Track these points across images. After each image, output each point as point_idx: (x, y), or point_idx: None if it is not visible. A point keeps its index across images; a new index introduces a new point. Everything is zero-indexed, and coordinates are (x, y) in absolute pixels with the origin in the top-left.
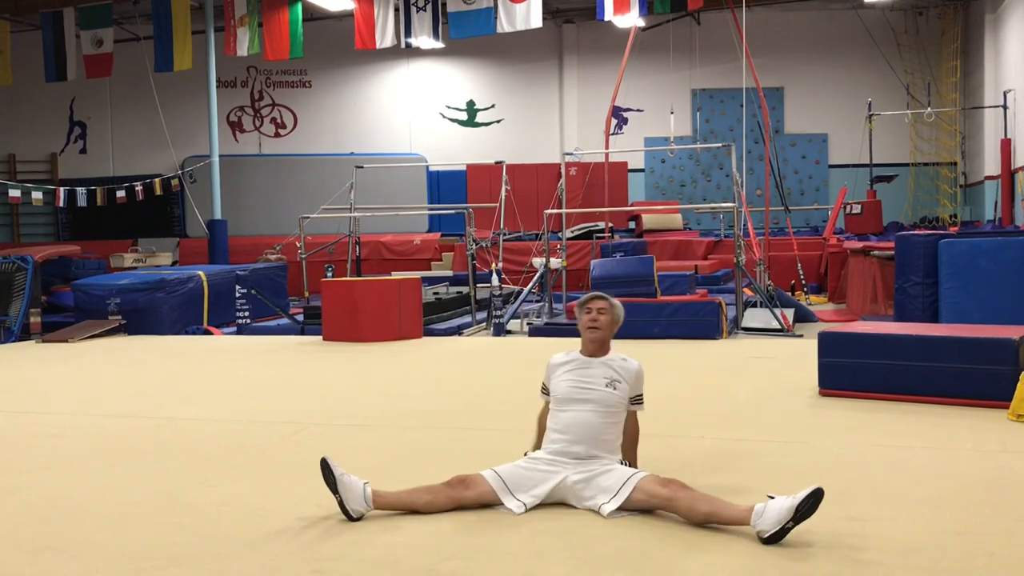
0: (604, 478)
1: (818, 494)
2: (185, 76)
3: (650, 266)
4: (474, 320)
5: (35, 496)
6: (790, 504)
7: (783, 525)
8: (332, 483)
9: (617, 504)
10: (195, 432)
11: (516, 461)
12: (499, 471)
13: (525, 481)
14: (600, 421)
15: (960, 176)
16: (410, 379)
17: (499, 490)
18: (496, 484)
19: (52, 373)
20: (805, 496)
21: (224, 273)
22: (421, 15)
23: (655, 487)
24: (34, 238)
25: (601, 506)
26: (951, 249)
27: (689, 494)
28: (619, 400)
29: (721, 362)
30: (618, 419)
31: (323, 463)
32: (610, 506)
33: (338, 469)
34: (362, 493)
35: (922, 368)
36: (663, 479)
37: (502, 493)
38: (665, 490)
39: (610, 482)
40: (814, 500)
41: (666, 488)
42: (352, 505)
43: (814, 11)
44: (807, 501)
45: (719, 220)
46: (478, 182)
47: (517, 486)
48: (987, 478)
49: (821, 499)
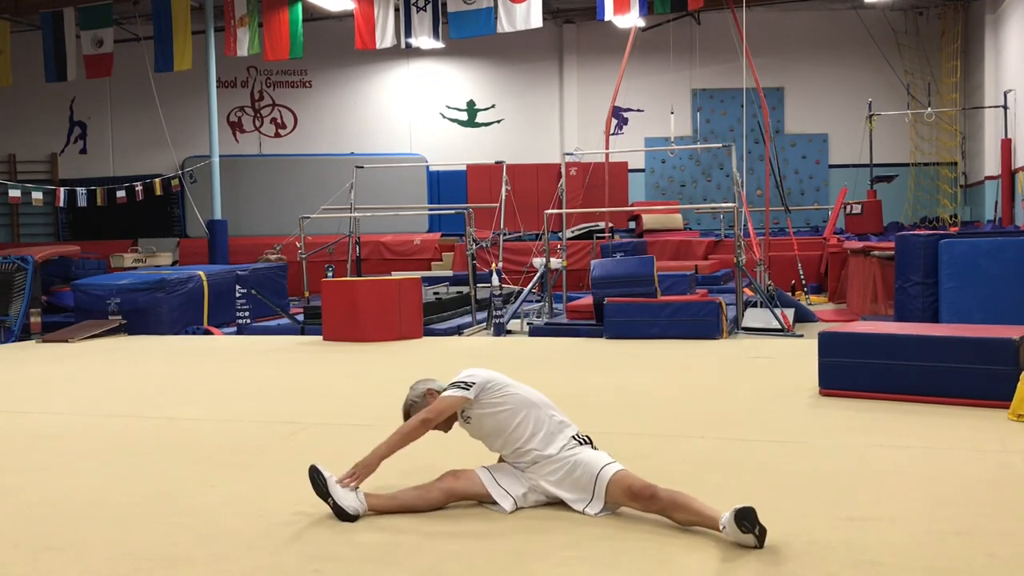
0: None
1: (746, 512)
2: (185, 76)
3: (650, 266)
4: (474, 320)
5: (35, 496)
6: (732, 525)
7: (740, 542)
8: (323, 488)
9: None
10: (195, 432)
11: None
12: (489, 467)
13: (509, 477)
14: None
15: (960, 176)
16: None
17: (489, 485)
18: (487, 479)
19: (52, 373)
20: (734, 517)
21: (224, 273)
22: (421, 15)
23: (625, 499)
24: (34, 238)
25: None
26: (951, 249)
27: (660, 506)
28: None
29: (721, 362)
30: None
31: (312, 471)
32: (592, 508)
33: (327, 473)
34: (355, 495)
35: (922, 368)
36: (632, 490)
37: (492, 488)
38: (636, 504)
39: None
40: (746, 516)
41: (636, 502)
42: (346, 502)
43: (814, 11)
44: (740, 520)
45: (719, 220)
46: (478, 182)
47: (508, 483)
48: (987, 478)
49: (753, 515)
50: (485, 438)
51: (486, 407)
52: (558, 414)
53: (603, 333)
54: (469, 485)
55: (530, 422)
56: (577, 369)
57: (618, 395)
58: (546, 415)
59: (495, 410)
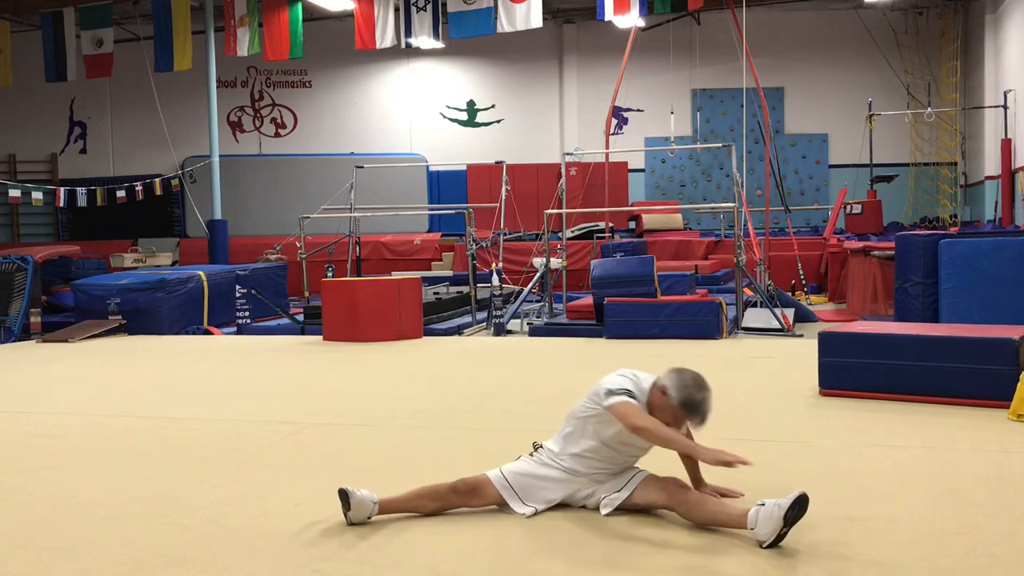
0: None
1: (803, 500)
2: (185, 76)
3: (650, 266)
4: (474, 320)
5: (35, 496)
6: (779, 514)
7: (778, 533)
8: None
9: (615, 504)
10: (195, 432)
11: (522, 457)
12: (508, 476)
13: (536, 490)
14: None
15: (960, 176)
16: (410, 379)
17: (508, 497)
18: (504, 490)
19: (52, 373)
20: (791, 503)
21: (224, 273)
22: (421, 15)
23: (653, 494)
24: (34, 238)
25: (601, 503)
26: (951, 249)
27: (685, 498)
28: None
29: (721, 362)
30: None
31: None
32: (608, 507)
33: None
34: (370, 510)
35: (922, 368)
36: (660, 481)
37: (511, 499)
38: (663, 496)
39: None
40: (800, 507)
41: (664, 492)
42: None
43: (814, 11)
44: (793, 508)
45: (719, 220)
46: (478, 182)
47: (528, 495)
48: (987, 478)
49: (807, 504)
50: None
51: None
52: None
53: (603, 333)
54: (486, 501)
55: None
56: (577, 369)
57: None
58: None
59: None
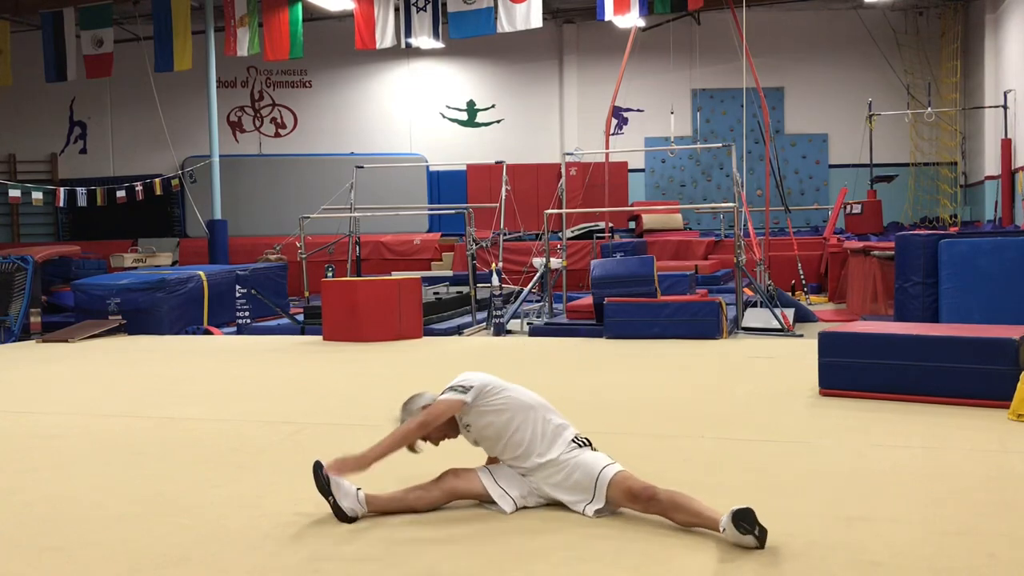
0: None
1: (744, 513)
2: (185, 76)
3: (650, 266)
4: (474, 320)
5: (35, 496)
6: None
7: (740, 543)
8: (325, 486)
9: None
10: (195, 432)
11: None
12: (491, 468)
13: (514, 479)
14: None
15: (960, 176)
16: (410, 379)
17: (489, 486)
18: (487, 480)
19: (52, 373)
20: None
21: (224, 273)
22: (421, 15)
23: (625, 501)
24: (34, 238)
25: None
26: (951, 249)
27: (660, 507)
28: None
29: (721, 362)
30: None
31: (316, 466)
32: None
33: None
34: (355, 496)
35: (922, 368)
36: (632, 491)
37: (492, 489)
38: (636, 506)
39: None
40: (745, 517)
41: (636, 503)
42: (346, 503)
43: (814, 11)
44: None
45: (719, 220)
46: (478, 182)
47: (509, 484)
48: (987, 478)
49: (751, 516)
50: (485, 444)
51: (484, 412)
52: (556, 417)
53: (603, 333)
54: (469, 485)
55: (528, 426)
56: (577, 369)
57: (618, 395)
58: (544, 418)
59: (494, 415)
